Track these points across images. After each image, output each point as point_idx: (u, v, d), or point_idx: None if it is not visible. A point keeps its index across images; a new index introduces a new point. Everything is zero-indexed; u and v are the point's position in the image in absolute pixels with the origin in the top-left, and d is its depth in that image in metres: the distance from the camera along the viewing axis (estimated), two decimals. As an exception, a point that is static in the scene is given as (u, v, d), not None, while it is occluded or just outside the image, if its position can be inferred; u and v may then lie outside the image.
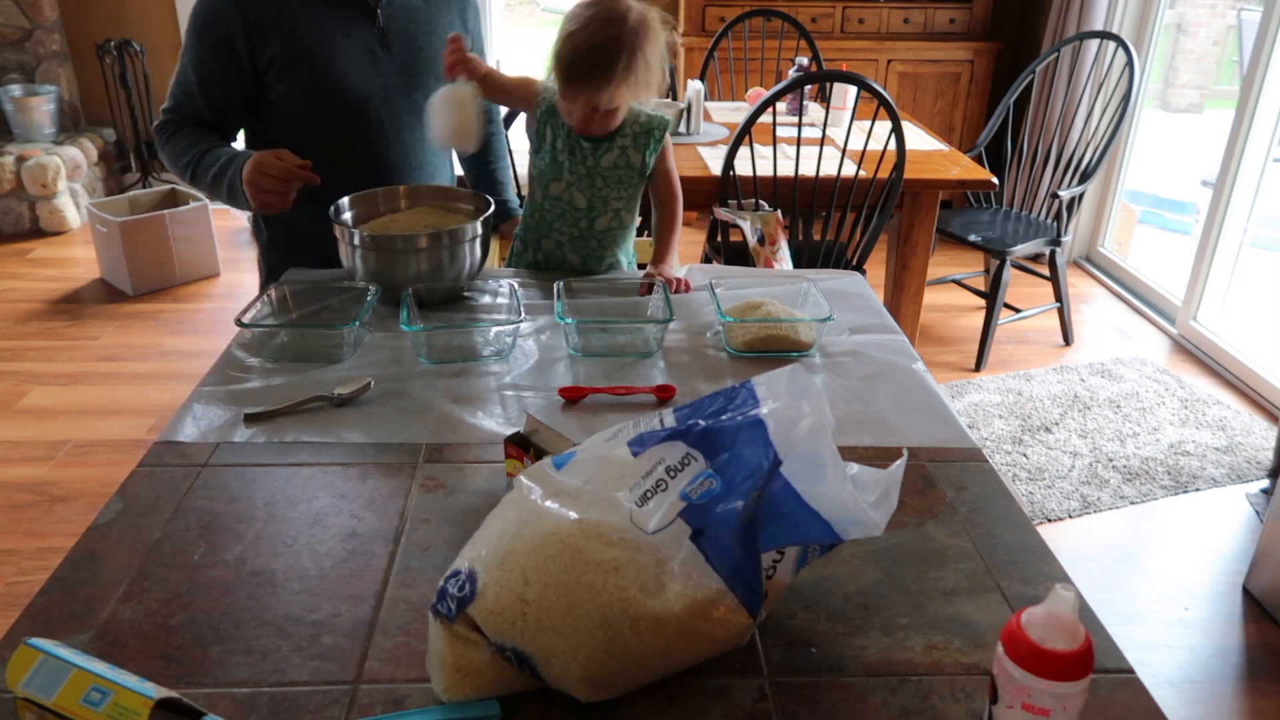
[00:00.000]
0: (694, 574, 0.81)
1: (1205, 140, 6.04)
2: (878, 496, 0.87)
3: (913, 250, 2.93)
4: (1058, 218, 3.35)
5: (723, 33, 3.81)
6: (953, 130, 4.47)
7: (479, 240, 1.62)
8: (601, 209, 1.73)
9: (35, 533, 2.38)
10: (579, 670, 0.80)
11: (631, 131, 1.69)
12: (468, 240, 1.59)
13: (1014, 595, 0.98)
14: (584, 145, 1.68)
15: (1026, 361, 3.41)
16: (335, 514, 1.09)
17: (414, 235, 1.56)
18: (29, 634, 0.86)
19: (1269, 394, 3.12)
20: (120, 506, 1.08)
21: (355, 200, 1.68)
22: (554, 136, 1.69)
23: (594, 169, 1.69)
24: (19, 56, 4.49)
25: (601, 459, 0.87)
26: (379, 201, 1.72)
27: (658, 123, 1.70)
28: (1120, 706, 0.86)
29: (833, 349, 1.50)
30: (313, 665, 0.87)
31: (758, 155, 2.67)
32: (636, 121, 1.69)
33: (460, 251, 1.59)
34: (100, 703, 0.72)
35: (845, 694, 0.86)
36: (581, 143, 1.68)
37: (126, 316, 3.61)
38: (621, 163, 1.70)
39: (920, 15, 4.36)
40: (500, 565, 0.81)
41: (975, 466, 1.21)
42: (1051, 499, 2.59)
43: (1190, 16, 6.59)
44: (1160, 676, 2.03)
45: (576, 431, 1.23)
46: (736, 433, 0.84)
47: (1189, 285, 3.55)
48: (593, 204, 1.72)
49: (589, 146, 1.68)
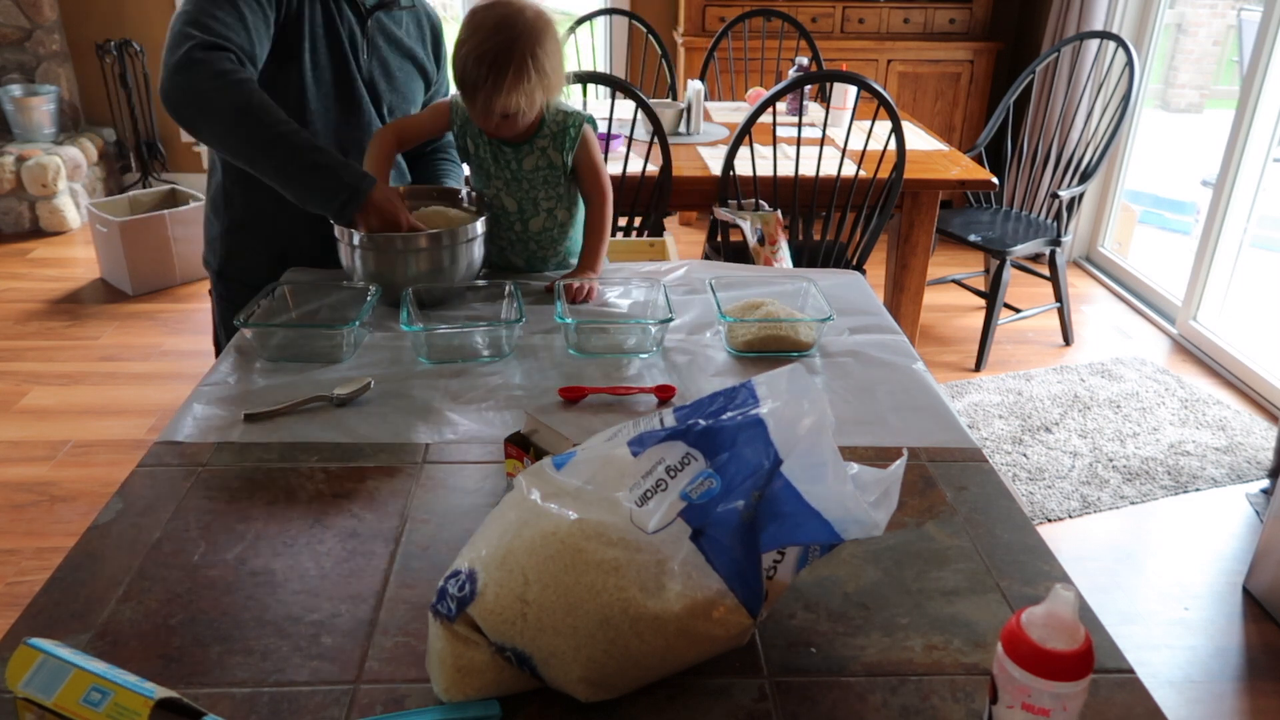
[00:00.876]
0: (694, 574, 0.81)
1: (1205, 140, 6.05)
2: (878, 496, 0.87)
3: (913, 250, 2.93)
4: (1058, 218, 3.35)
5: (723, 33, 3.81)
6: (953, 130, 4.47)
7: (479, 240, 1.62)
8: (533, 211, 1.73)
9: (35, 533, 2.38)
10: (579, 670, 0.80)
11: (550, 131, 1.68)
12: (468, 240, 1.59)
13: (1014, 595, 0.98)
14: (505, 150, 1.68)
15: (1026, 361, 3.41)
16: (335, 514, 1.09)
17: (414, 235, 1.56)
18: (29, 634, 0.86)
19: (1269, 394, 3.12)
20: (120, 506, 1.08)
21: None
22: (475, 146, 1.70)
23: (518, 173, 1.69)
24: (19, 56, 4.49)
25: (601, 459, 0.87)
26: None
27: (574, 119, 1.68)
28: (1120, 706, 0.86)
29: (833, 349, 1.50)
30: (313, 665, 0.87)
31: (758, 155, 2.67)
32: (554, 120, 1.68)
33: (460, 252, 1.59)
34: (100, 703, 0.71)
35: (845, 694, 0.86)
36: (503, 147, 1.68)
37: (126, 316, 3.61)
38: (543, 163, 1.69)
39: (920, 15, 4.36)
40: (500, 565, 0.81)
41: (975, 466, 1.21)
42: (1051, 499, 2.59)
43: (1190, 16, 6.59)
44: (1160, 676, 2.03)
45: (576, 431, 1.22)
46: (737, 432, 0.84)
47: (1189, 285, 3.55)
48: (523, 207, 1.72)
49: (510, 151, 1.68)
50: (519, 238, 1.76)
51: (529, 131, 1.67)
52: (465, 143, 1.72)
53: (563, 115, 1.68)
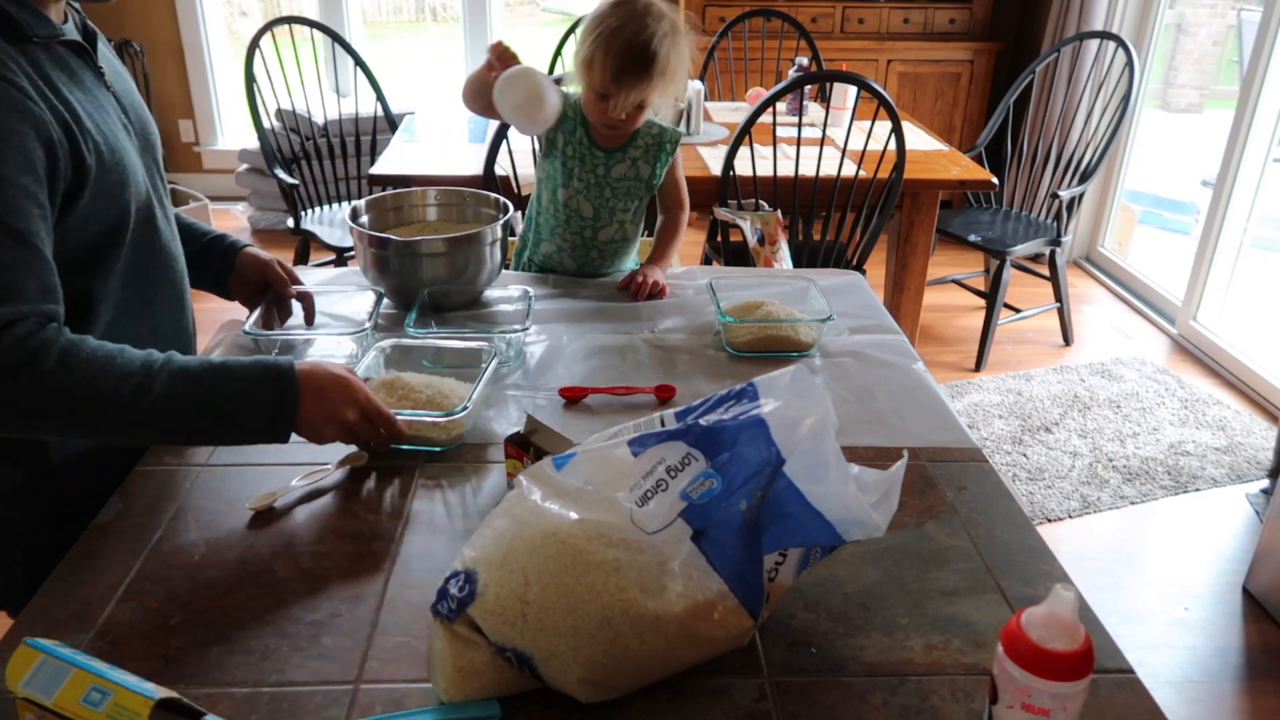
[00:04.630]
0: (695, 575, 0.81)
1: (1205, 140, 6.04)
2: (879, 498, 0.87)
3: (913, 250, 2.93)
4: (1058, 218, 3.35)
5: (723, 33, 3.80)
6: (953, 130, 4.47)
7: (497, 244, 1.59)
8: (607, 220, 1.72)
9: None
10: (579, 671, 0.80)
11: (644, 143, 1.68)
12: (486, 244, 1.57)
13: (1014, 595, 0.98)
14: (596, 153, 1.67)
15: (1026, 361, 3.41)
16: (335, 514, 1.09)
17: (432, 240, 1.54)
18: (29, 634, 0.85)
19: (1269, 394, 3.12)
20: (120, 506, 1.08)
21: (371, 205, 1.67)
22: (565, 142, 1.68)
23: (604, 178, 1.68)
24: (19, 56, 4.48)
25: (602, 459, 0.87)
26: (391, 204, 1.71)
27: (670, 135, 1.70)
28: (1120, 706, 0.86)
29: (833, 349, 1.50)
30: (313, 665, 0.87)
31: (758, 155, 2.67)
32: (649, 133, 1.68)
33: (477, 255, 1.56)
34: (100, 703, 0.71)
35: (845, 694, 0.86)
36: (594, 150, 1.67)
37: (126, 316, 3.60)
38: (631, 174, 1.69)
39: (920, 15, 4.36)
40: (501, 565, 0.81)
41: (975, 466, 1.21)
42: (1051, 499, 2.59)
43: (1190, 16, 6.59)
44: (1160, 676, 2.03)
45: (576, 431, 1.22)
46: (738, 432, 0.84)
47: (1189, 285, 3.55)
48: (599, 214, 1.71)
49: (601, 155, 1.67)
50: (584, 243, 1.74)
51: (623, 138, 1.67)
52: (557, 136, 1.68)
53: (658, 129, 1.69)
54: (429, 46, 8.13)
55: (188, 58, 4.56)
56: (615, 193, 1.70)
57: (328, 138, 3.68)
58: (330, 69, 4.29)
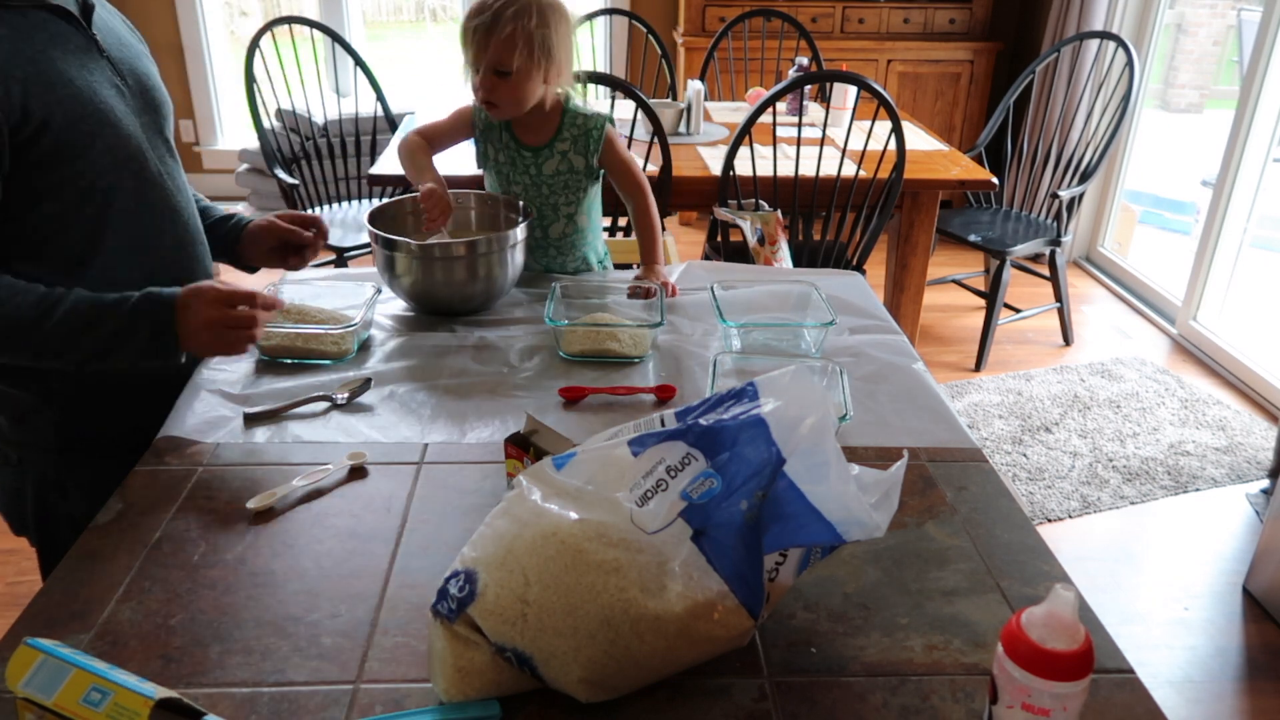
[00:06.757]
0: (695, 575, 0.81)
1: (1205, 140, 6.04)
2: (879, 498, 0.87)
3: (913, 250, 2.93)
4: (1058, 218, 3.35)
5: (723, 33, 3.80)
6: (953, 130, 4.47)
7: (519, 247, 1.58)
8: (553, 217, 1.73)
9: (35, 533, 2.38)
10: (579, 671, 0.79)
11: (570, 134, 1.68)
12: (512, 245, 1.56)
13: (1014, 595, 0.98)
14: (525, 154, 1.68)
15: (1026, 361, 3.41)
16: (335, 514, 1.09)
17: (451, 244, 1.54)
18: (29, 634, 0.85)
19: (1269, 394, 3.12)
20: (120, 506, 1.08)
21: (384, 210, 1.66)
22: (495, 151, 1.71)
23: (538, 177, 1.69)
24: (19, 56, 4.48)
25: (601, 459, 0.87)
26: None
27: (595, 121, 1.68)
28: (1120, 706, 0.86)
29: (833, 349, 1.50)
30: (313, 665, 0.87)
31: (758, 155, 2.67)
32: (574, 124, 1.68)
33: (503, 258, 1.55)
34: (100, 703, 0.71)
35: (845, 694, 0.86)
36: (522, 151, 1.68)
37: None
38: (565, 168, 1.69)
39: (920, 15, 4.36)
40: (500, 565, 0.81)
41: (975, 466, 1.21)
42: (1051, 499, 2.59)
43: (1190, 16, 6.59)
44: (1160, 676, 2.03)
45: (576, 431, 1.23)
46: (738, 432, 0.84)
47: (1189, 285, 3.55)
48: (543, 213, 1.72)
49: (529, 154, 1.68)
50: (538, 244, 1.75)
51: (548, 134, 1.66)
52: (486, 148, 1.72)
53: (583, 118, 1.68)
54: (429, 46, 8.14)
55: (188, 58, 4.56)
56: (553, 189, 1.70)
57: (328, 138, 3.68)
58: (330, 69, 4.29)
